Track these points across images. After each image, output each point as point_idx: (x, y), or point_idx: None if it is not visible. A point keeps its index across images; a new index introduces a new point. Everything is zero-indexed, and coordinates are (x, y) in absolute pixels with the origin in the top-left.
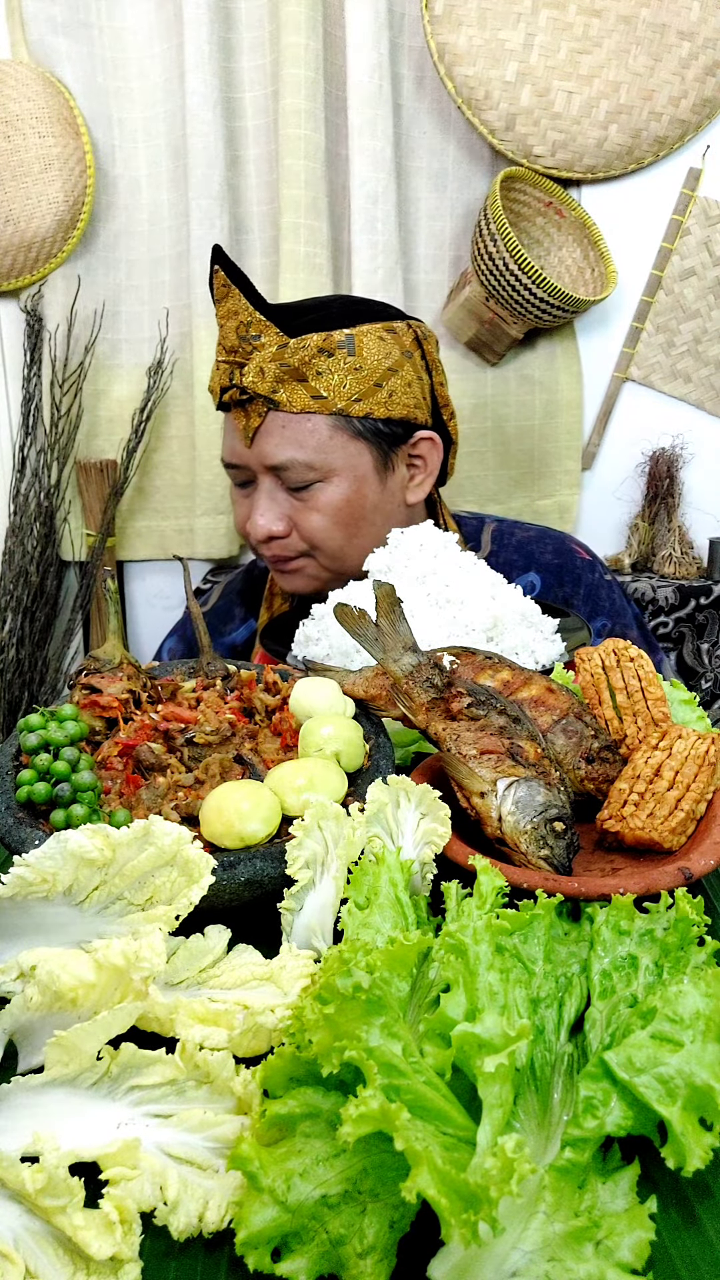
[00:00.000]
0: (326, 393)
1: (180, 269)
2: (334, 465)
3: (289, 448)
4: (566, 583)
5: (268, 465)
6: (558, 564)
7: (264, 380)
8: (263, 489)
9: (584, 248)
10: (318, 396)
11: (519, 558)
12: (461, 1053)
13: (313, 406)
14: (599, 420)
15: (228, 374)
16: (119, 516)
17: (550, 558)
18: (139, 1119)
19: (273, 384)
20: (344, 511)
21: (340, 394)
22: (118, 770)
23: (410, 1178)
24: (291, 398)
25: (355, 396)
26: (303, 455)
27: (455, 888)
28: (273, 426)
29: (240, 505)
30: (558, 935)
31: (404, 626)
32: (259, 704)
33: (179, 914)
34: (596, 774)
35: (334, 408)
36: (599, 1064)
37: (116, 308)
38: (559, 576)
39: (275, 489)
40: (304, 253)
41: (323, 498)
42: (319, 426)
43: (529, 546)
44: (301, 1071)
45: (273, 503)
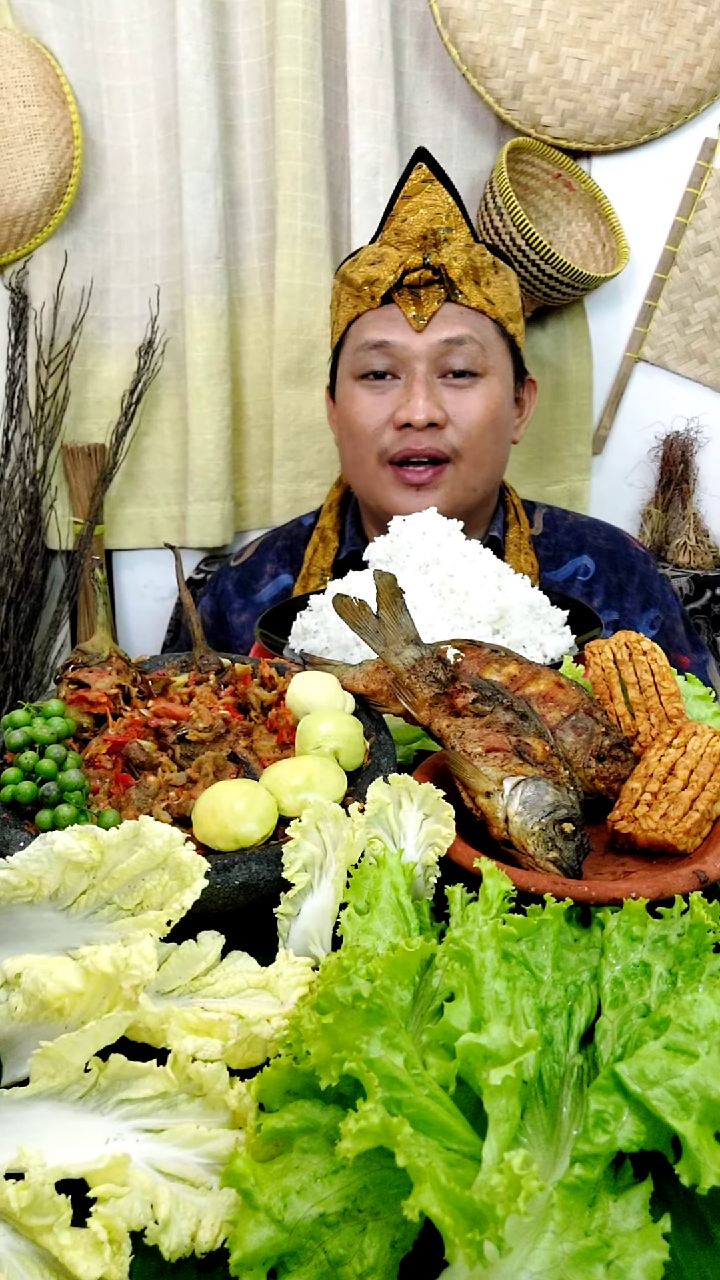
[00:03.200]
0: (495, 300)
1: (172, 244)
2: (494, 365)
3: (465, 327)
4: (620, 569)
5: (443, 339)
6: (611, 550)
7: (456, 266)
8: (419, 378)
9: (594, 222)
10: (489, 301)
11: (571, 540)
12: (466, 1064)
13: (485, 307)
14: (610, 402)
15: (419, 256)
16: (108, 503)
17: (604, 543)
18: (128, 1134)
19: (460, 273)
20: (495, 414)
21: (502, 306)
22: (106, 769)
23: (413, 1195)
24: (470, 293)
25: (509, 315)
26: (478, 337)
27: (460, 892)
28: (449, 313)
29: (367, 400)
30: (567, 941)
31: (406, 618)
32: (254, 699)
33: (171, 919)
34: (607, 773)
35: (499, 315)
36: (610, 1076)
37: (105, 284)
38: (612, 562)
39: (432, 380)
40: (301, 227)
41: (482, 390)
42: (488, 326)
43: (581, 530)
44: (299, 1084)
45: (432, 392)
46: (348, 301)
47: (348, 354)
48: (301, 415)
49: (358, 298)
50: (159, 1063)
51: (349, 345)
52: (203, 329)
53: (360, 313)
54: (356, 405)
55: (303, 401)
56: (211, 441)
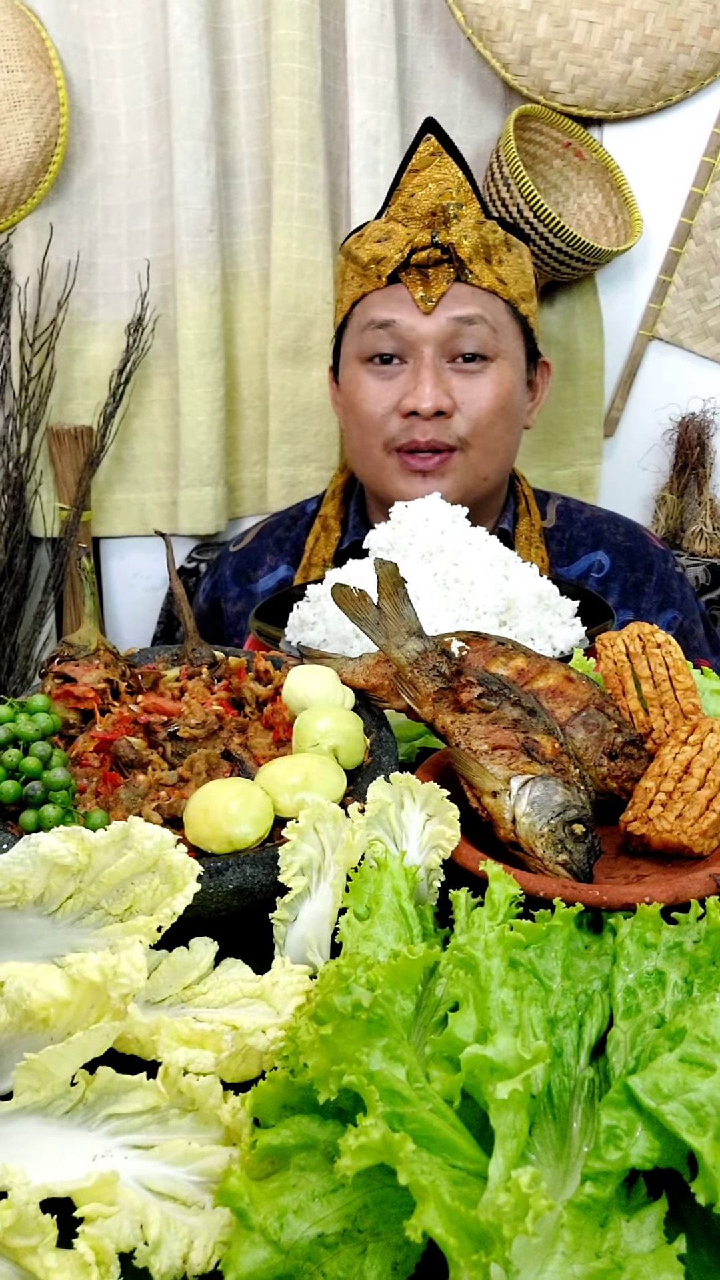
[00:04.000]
0: (507, 280)
1: (162, 216)
2: (505, 348)
3: (476, 308)
4: (639, 568)
5: (452, 318)
6: (629, 547)
7: (466, 244)
8: (426, 363)
9: (606, 193)
10: (501, 280)
11: (587, 535)
12: (472, 1077)
13: (497, 288)
14: (622, 383)
15: (427, 234)
16: (95, 488)
17: (622, 539)
18: (117, 1150)
19: (470, 252)
20: (506, 400)
21: (515, 286)
22: (94, 767)
23: (415, 1215)
24: (481, 273)
25: (522, 295)
26: (489, 318)
27: (465, 896)
28: (459, 294)
29: (373, 386)
30: (577, 948)
31: (408, 609)
32: (249, 694)
33: (161, 925)
34: (620, 771)
35: (511, 295)
36: (623, 1090)
37: (92, 259)
38: (630, 560)
39: (441, 366)
40: (298, 198)
41: (492, 376)
42: (500, 308)
43: (598, 525)
44: (296, 1098)
45: (440, 379)
46: (353, 280)
47: (352, 335)
48: (299, 396)
49: (364, 276)
50: (149, 1076)
51: (354, 325)
52: (195, 305)
53: (366, 292)
54: (362, 391)
55: (300, 381)
56: (204, 424)
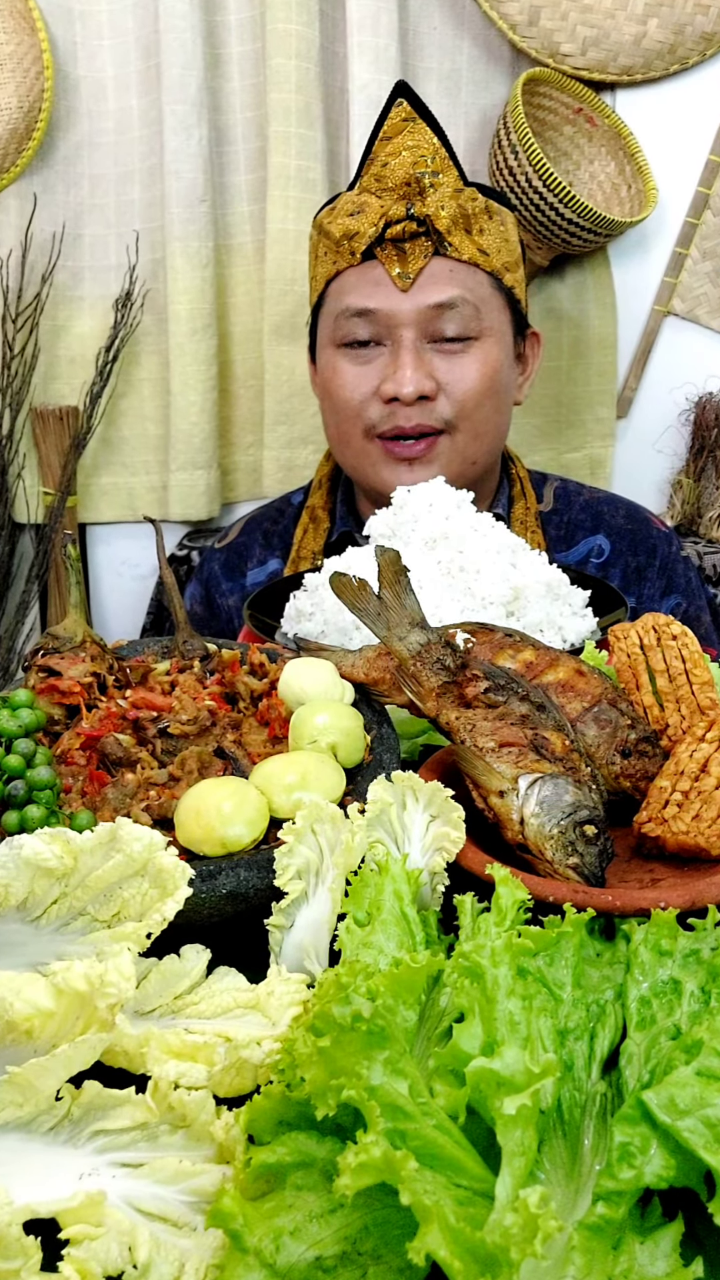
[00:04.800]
0: (489, 250)
1: (152, 185)
2: (490, 325)
3: (457, 288)
4: (640, 552)
5: (431, 304)
6: (630, 530)
7: (443, 216)
8: (406, 345)
9: (619, 161)
10: (483, 251)
11: (586, 518)
12: (477, 1092)
13: (478, 259)
14: (636, 360)
15: (401, 206)
16: (81, 472)
17: (622, 522)
18: (104, 1169)
19: (449, 224)
20: (493, 379)
21: (498, 256)
22: (80, 765)
23: (418, 1237)
24: (461, 244)
25: (506, 265)
26: (471, 297)
27: (470, 901)
28: (438, 270)
29: (350, 372)
30: (589, 956)
31: (411, 599)
32: (243, 689)
33: (151, 932)
34: (634, 770)
35: (494, 266)
36: (636, 1105)
37: (79, 230)
38: (632, 544)
39: (422, 347)
40: (295, 166)
41: (477, 355)
42: (483, 281)
43: (598, 507)
44: (292, 1114)
45: (421, 361)
46: (326, 256)
47: (327, 318)
48: (295, 375)
49: (336, 253)
50: (138, 1090)
51: (328, 308)
52: (186, 279)
53: (340, 270)
54: (339, 377)
55: (296, 359)
56: (195, 404)
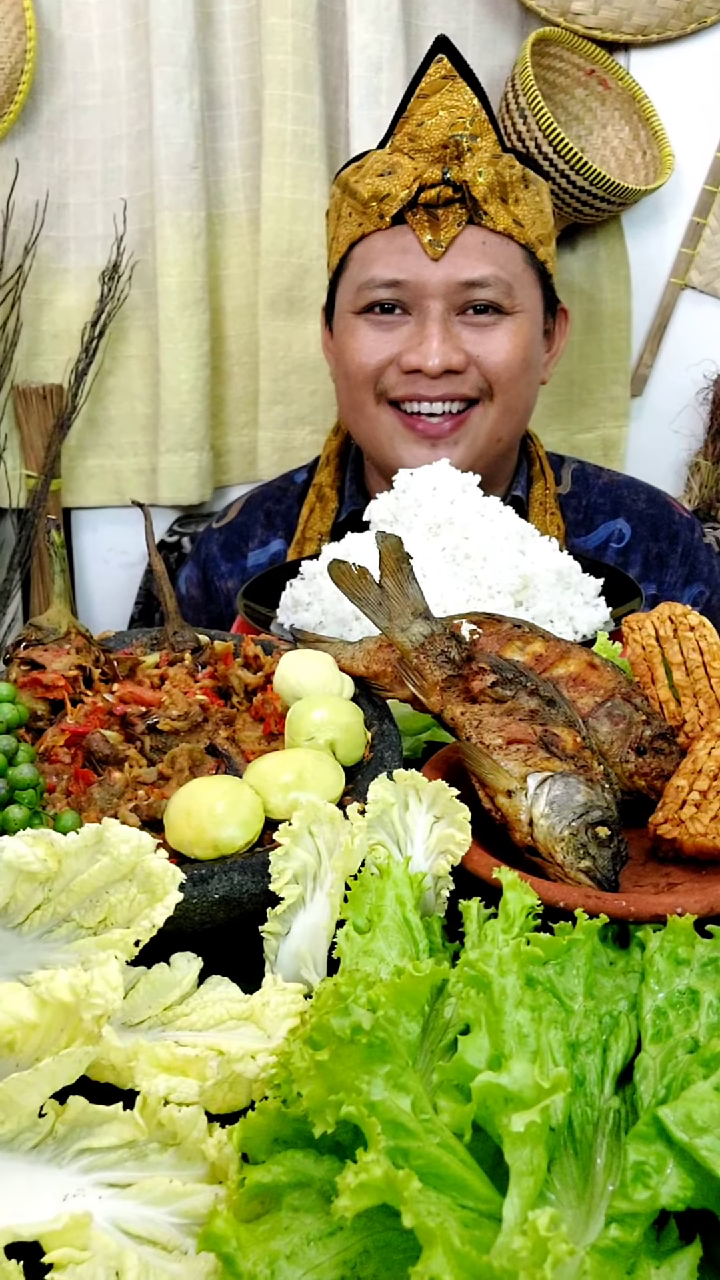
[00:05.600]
0: (524, 221)
1: (141, 151)
2: (522, 302)
3: (490, 264)
4: (662, 538)
5: (461, 280)
6: (652, 515)
7: (480, 182)
8: (433, 317)
9: (633, 126)
10: (518, 222)
11: (605, 501)
12: (484, 1108)
13: (513, 230)
14: (652, 336)
15: (437, 170)
16: (66, 454)
17: (644, 506)
18: (90, 1189)
19: (485, 191)
20: (526, 352)
21: (533, 229)
22: (64, 763)
23: (421, 1261)
24: (497, 214)
25: (540, 238)
26: (504, 274)
27: (476, 907)
28: (471, 242)
29: (369, 336)
30: (601, 965)
31: (413, 588)
32: (237, 683)
33: (139, 939)
34: (649, 768)
35: (528, 239)
36: (652, 1122)
37: (63, 199)
38: (653, 529)
39: (450, 319)
40: (291, 132)
41: (509, 328)
42: (515, 255)
43: (618, 491)
44: (289, 1131)
45: (449, 333)
46: (351, 217)
47: (349, 285)
48: (292, 351)
49: (363, 215)
50: (125, 1106)
51: (351, 273)
52: (176, 250)
53: (366, 233)
54: (356, 340)
55: (293, 335)
56: (186, 382)
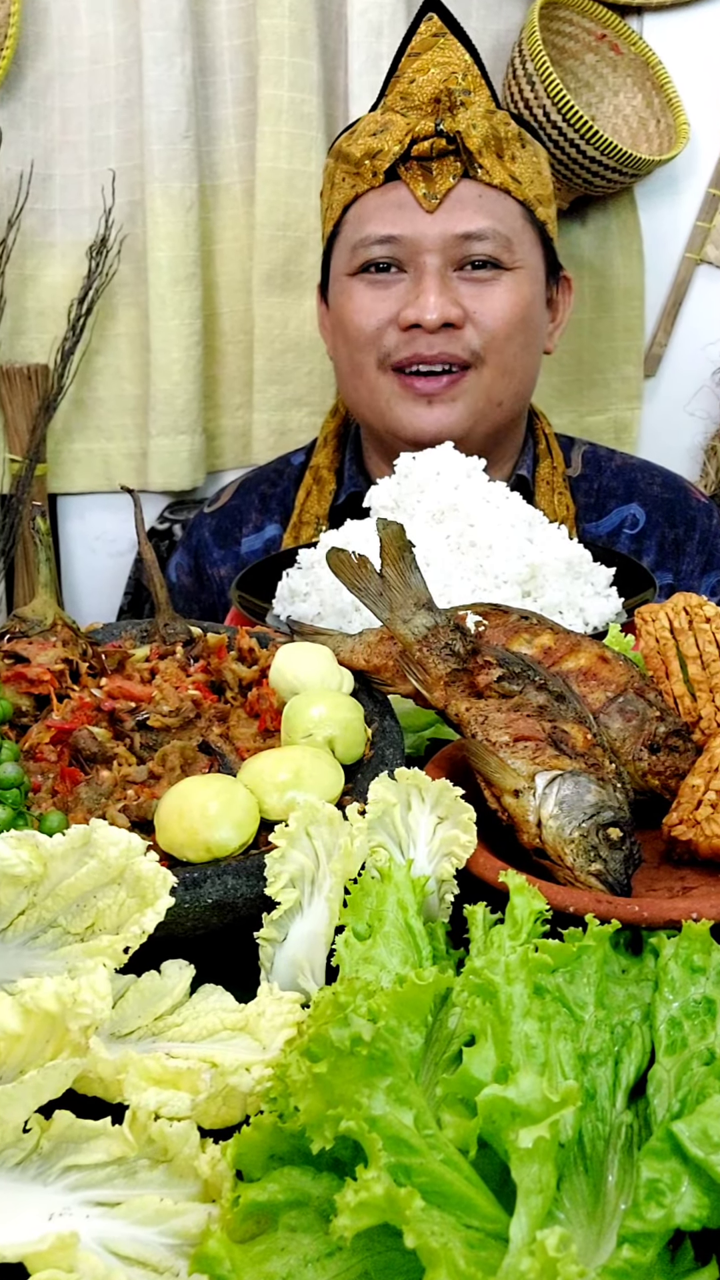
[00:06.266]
0: (521, 178)
1: (130, 120)
2: (522, 260)
3: (486, 217)
4: (679, 523)
5: (458, 233)
6: (668, 499)
7: (474, 135)
8: (430, 271)
9: (646, 93)
10: (515, 179)
11: (618, 485)
12: (490, 1123)
13: (510, 185)
14: (666, 314)
15: (430, 122)
16: (51, 437)
17: (659, 491)
18: (77, 1208)
19: (480, 144)
20: (525, 311)
21: (530, 187)
22: (50, 762)
23: None
24: (493, 168)
25: (539, 198)
26: (502, 228)
27: (482, 912)
28: (466, 194)
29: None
30: (613, 973)
31: (416, 578)
32: (231, 677)
33: (128, 946)
34: (663, 766)
35: (526, 196)
36: (666, 1137)
37: (48, 170)
38: (669, 515)
39: (447, 274)
40: (288, 99)
41: (508, 284)
42: (513, 210)
43: (631, 474)
44: (285, 1147)
45: (446, 287)
46: (344, 181)
47: (343, 248)
48: (288, 329)
49: (356, 175)
50: (114, 1121)
51: (345, 236)
52: (167, 224)
53: (360, 193)
54: (353, 303)
55: (290, 312)
56: (178, 362)
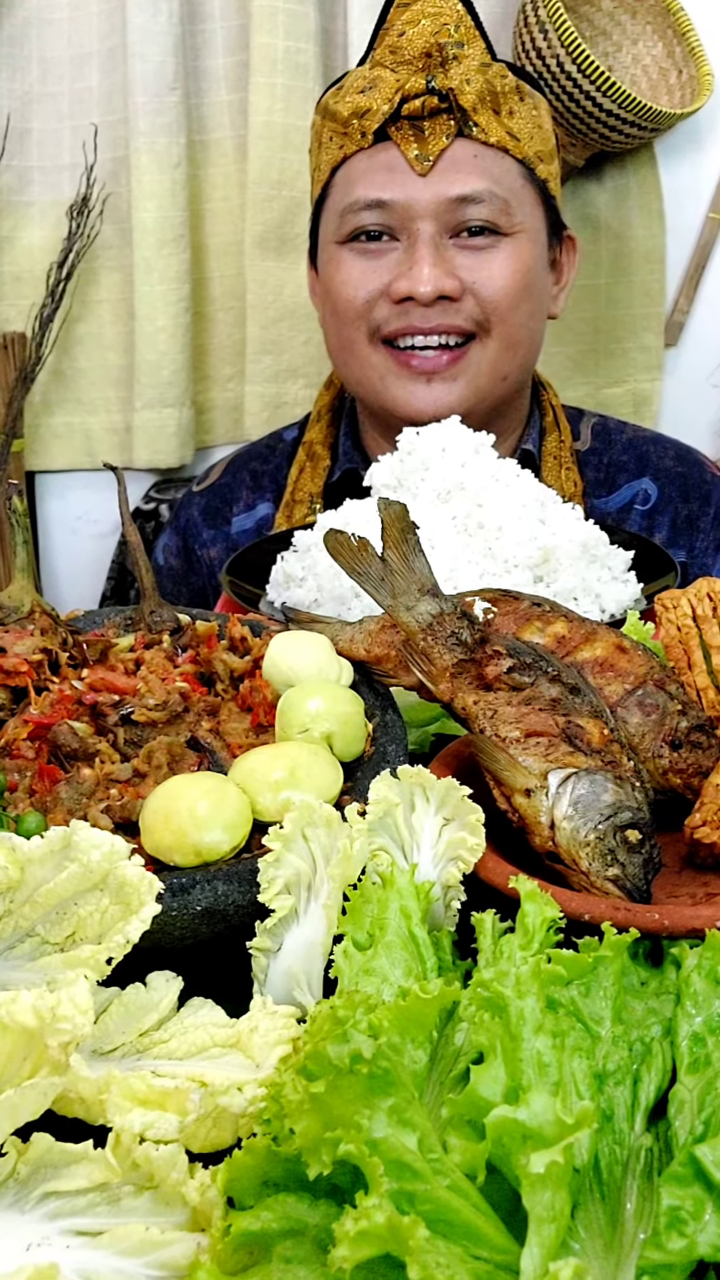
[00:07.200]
0: (520, 135)
1: (113, 70)
2: (522, 222)
3: (483, 178)
4: (693, 499)
5: (452, 197)
6: (681, 473)
7: (468, 91)
8: (423, 240)
9: (667, 42)
10: (513, 135)
11: (629, 459)
12: (500, 1146)
13: (508, 143)
14: (688, 278)
15: (421, 79)
16: (29, 411)
17: (671, 464)
18: (56, 1237)
19: (475, 100)
20: (526, 277)
21: (530, 144)
22: (28, 759)
23: None
24: (489, 125)
25: (540, 155)
26: (500, 190)
27: (491, 920)
28: (461, 155)
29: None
30: (631, 986)
31: (420, 562)
32: (221, 668)
33: (112, 956)
34: (685, 764)
35: (525, 154)
36: (688, 1162)
37: (26, 124)
38: (683, 489)
39: (442, 242)
40: (283, 48)
41: (508, 251)
42: (511, 170)
43: (643, 447)
44: (280, 1172)
45: (441, 257)
46: (331, 141)
47: (332, 213)
48: (283, 295)
49: (344, 135)
50: (96, 1144)
51: (334, 200)
52: (154, 182)
53: (348, 154)
54: (342, 273)
55: (285, 277)
56: (165, 329)
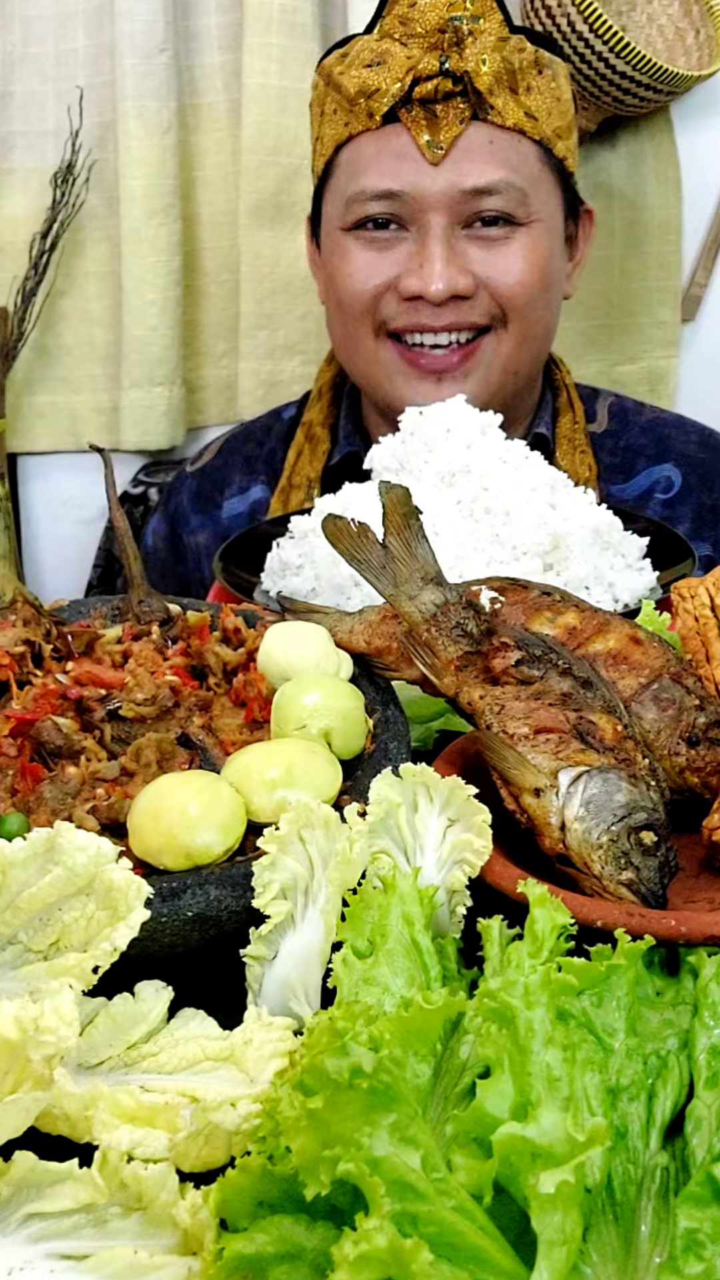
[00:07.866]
0: (538, 114)
1: (100, 30)
2: (538, 210)
3: (499, 167)
4: (717, 487)
5: (466, 188)
6: (705, 459)
7: (485, 72)
8: (435, 234)
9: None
10: (531, 115)
11: (649, 443)
12: (507, 1165)
13: (525, 125)
14: (706, 250)
15: (434, 59)
16: (11, 389)
17: (695, 450)
18: (40, 1261)
19: (491, 82)
20: (544, 270)
21: (548, 121)
22: (9, 756)
23: None
24: (505, 108)
25: (558, 131)
26: (517, 179)
27: (498, 926)
28: (475, 142)
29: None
30: (646, 996)
31: (423, 549)
32: (214, 661)
33: (98, 965)
34: (703, 762)
35: (543, 134)
36: (706, 1181)
37: (7, 87)
38: (707, 477)
39: (454, 234)
40: (278, 7)
41: (524, 242)
42: (529, 154)
43: (663, 430)
44: (275, 1193)
45: (453, 253)
46: (336, 115)
47: (336, 196)
48: (279, 267)
49: (350, 113)
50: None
51: (338, 182)
52: (142, 148)
53: (354, 134)
54: (347, 264)
55: (281, 248)
56: (154, 303)
